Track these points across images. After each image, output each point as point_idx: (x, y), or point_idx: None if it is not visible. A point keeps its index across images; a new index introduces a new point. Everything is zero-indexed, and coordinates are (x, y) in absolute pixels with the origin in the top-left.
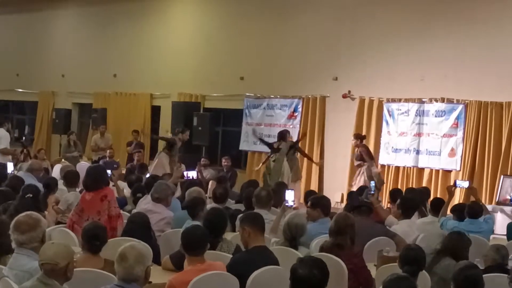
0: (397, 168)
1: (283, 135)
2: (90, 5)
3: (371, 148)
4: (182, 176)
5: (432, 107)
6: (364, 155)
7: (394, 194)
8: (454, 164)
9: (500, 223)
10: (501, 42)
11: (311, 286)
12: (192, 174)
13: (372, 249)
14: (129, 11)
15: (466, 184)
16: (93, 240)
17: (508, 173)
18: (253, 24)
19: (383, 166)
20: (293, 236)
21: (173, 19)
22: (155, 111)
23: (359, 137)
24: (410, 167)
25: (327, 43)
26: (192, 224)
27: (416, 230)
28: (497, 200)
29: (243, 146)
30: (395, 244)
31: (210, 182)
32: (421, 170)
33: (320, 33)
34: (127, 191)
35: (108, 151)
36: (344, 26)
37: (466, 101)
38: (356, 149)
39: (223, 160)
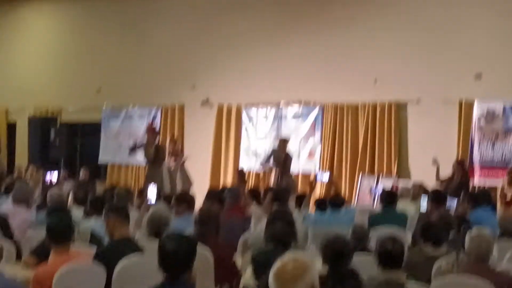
0: (258, 172)
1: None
2: None
3: (231, 153)
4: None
5: (289, 111)
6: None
7: (254, 193)
8: (313, 165)
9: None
10: (352, 41)
11: (178, 260)
12: (54, 175)
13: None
14: None
15: (326, 176)
16: None
17: (366, 173)
18: (109, 34)
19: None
20: (158, 228)
21: (28, 30)
22: (11, 129)
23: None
24: None
25: (184, 51)
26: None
27: None
28: (356, 199)
29: (102, 158)
30: None
31: (70, 193)
32: None
33: (176, 41)
34: None
35: None
36: (200, 33)
37: (323, 104)
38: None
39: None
